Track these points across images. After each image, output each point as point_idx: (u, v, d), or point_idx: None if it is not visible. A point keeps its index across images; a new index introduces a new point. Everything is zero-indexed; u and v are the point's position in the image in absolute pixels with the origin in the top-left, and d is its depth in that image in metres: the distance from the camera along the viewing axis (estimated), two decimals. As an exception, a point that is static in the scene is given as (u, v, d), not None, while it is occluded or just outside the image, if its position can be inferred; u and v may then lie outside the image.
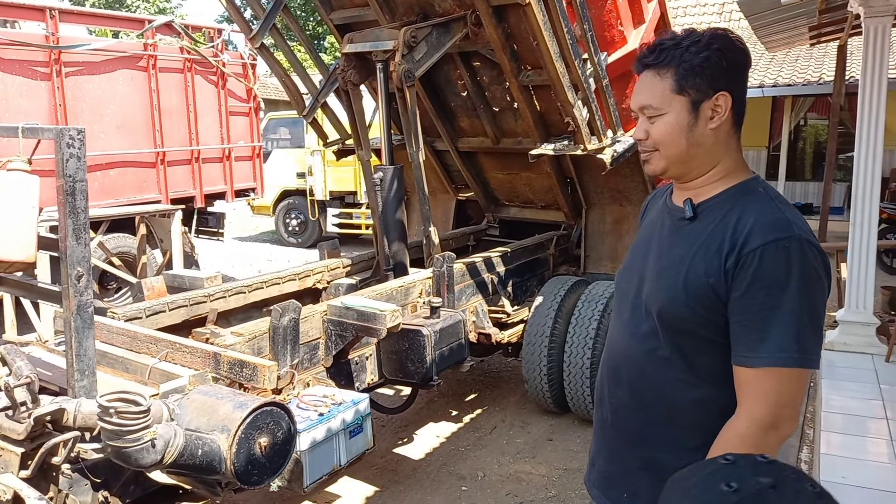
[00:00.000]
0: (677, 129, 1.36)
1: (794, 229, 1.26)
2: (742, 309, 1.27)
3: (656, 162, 1.41)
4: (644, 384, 1.43)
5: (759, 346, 1.25)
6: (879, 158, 5.23)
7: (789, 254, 1.25)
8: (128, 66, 6.52)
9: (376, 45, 3.76)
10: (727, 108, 1.35)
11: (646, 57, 1.39)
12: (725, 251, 1.29)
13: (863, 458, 3.62)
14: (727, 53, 1.34)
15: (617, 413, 1.50)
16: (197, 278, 3.60)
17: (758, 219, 1.29)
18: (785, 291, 1.24)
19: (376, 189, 3.97)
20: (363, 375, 3.37)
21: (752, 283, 1.26)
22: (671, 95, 1.35)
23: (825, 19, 8.02)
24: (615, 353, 1.52)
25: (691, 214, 1.39)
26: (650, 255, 1.47)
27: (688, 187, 1.43)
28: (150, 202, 6.73)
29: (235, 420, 2.17)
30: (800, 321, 1.24)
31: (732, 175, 1.40)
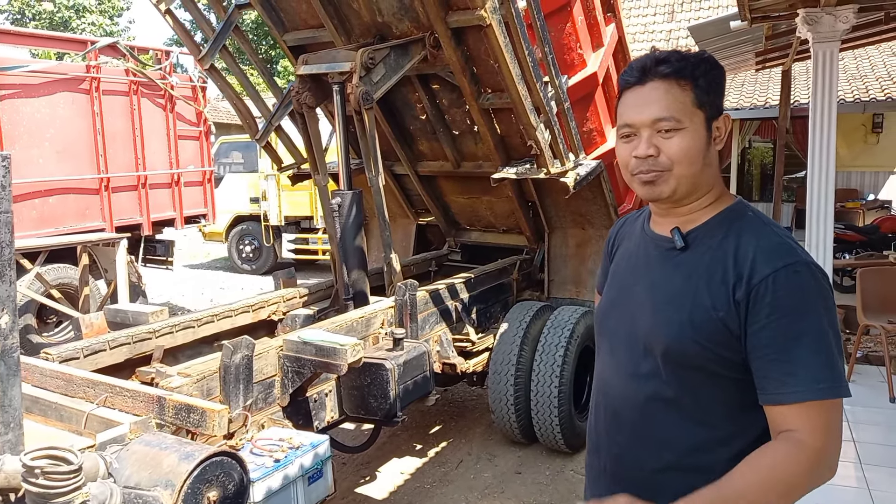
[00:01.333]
0: (696, 146, 1.27)
1: (799, 253, 1.20)
2: (765, 342, 1.18)
3: (665, 183, 1.28)
4: (648, 429, 1.33)
5: (791, 379, 1.16)
6: (832, 179, 5.32)
7: (802, 279, 1.18)
8: (69, 89, 6.22)
9: (332, 67, 3.63)
10: (726, 130, 1.30)
11: (659, 65, 1.27)
12: (732, 282, 1.21)
13: (834, 483, 3.56)
14: (724, 77, 1.31)
15: (619, 462, 1.39)
16: (141, 313, 3.36)
17: (759, 245, 1.22)
18: (807, 318, 1.16)
19: (334, 215, 3.81)
20: (322, 413, 3.17)
21: (771, 314, 1.17)
22: (692, 109, 1.26)
23: (770, 45, 8.26)
24: (612, 396, 1.40)
25: (682, 244, 1.30)
26: (638, 288, 1.37)
27: (674, 214, 1.33)
28: (93, 230, 6.39)
29: (181, 474, 1.96)
30: (827, 348, 1.16)
31: (720, 200, 1.32)
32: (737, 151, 12.45)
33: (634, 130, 1.29)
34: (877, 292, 5.22)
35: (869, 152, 12.40)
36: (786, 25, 6.84)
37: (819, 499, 3.37)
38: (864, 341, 5.64)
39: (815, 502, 3.33)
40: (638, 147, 1.28)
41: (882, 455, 3.84)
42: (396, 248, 5.65)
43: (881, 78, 11.32)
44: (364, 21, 4.04)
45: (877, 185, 12.42)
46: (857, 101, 10.41)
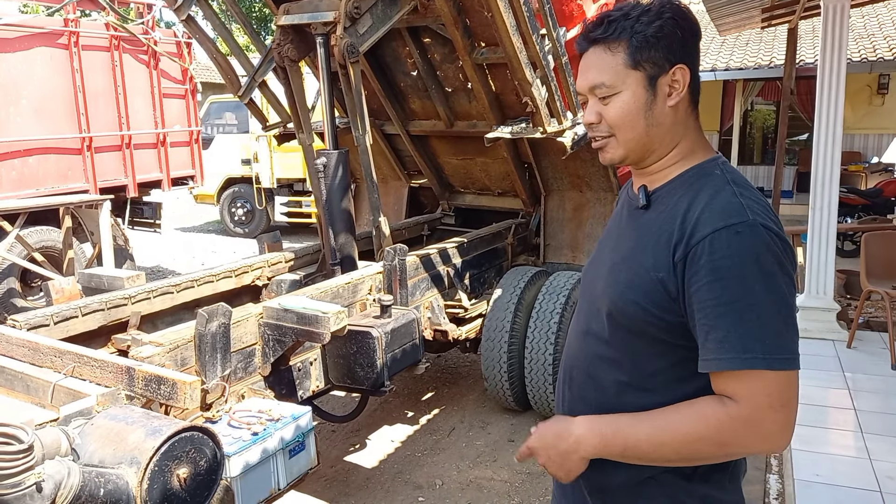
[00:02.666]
0: (635, 108, 1.21)
1: (747, 213, 1.11)
2: (698, 307, 1.11)
3: (613, 149, 1.26)
4: (590, 388, 1.32)
5: (719, 347, 1.09)
6: (839, 142, 5.15)
7: (742, 240, 1.09)
8: (47, 44, 5.96)
9: (315, 17, 3.41)
10: (685, 83, 1.21)
11: (592, 31, 1.23)
12: (674, 241, 1.15)
13: (834, 453, 3.49)
14: (681, 22, 1.21)
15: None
16: (116, 278, 3.20)
17: (709, 204, 1.15)
18: (742, 282, 1.08)
19: (319, 176, 3.63)
20: (307, 383, 3.05)
21: (705, 276, 1.10)
22: (625, 71, 1.20)
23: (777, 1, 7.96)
24: (568, 354, 1.42)
25: (644, 203, 1.27)
26: (607, 248, 1.37)
27: (645, 173, 1.30)
28: (77, 192, 6.20)
29: (147, 450, 1.84)
30: (761, 315, 1.07)
31: (690, 157, 1.26)
32: (739, 114, 12.19)
33: (584, 98, 1.28)
34: (881, 257, 5.09)
35: (874, 114, 12.15)
36: (795, -21, 6.55)
37: (819, 469, 3.30)
38: (865, 307, 5.53)
39: (815, 473, 3.26)
40: (586, 114, 1.28)
41: (883, 424, 3.75)
42: (387, 211, 5.49)
43: (889, 37, 11.02)
44: (350, -31, 3.79)
45: (880, 148, 12.20)
46: (864, 61, 10.14)
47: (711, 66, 11.31)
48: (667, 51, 1.19)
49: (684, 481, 1.22)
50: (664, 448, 1.15)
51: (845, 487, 3.17)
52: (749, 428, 1.09)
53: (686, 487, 1.22)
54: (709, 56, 11.99)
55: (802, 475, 3.26)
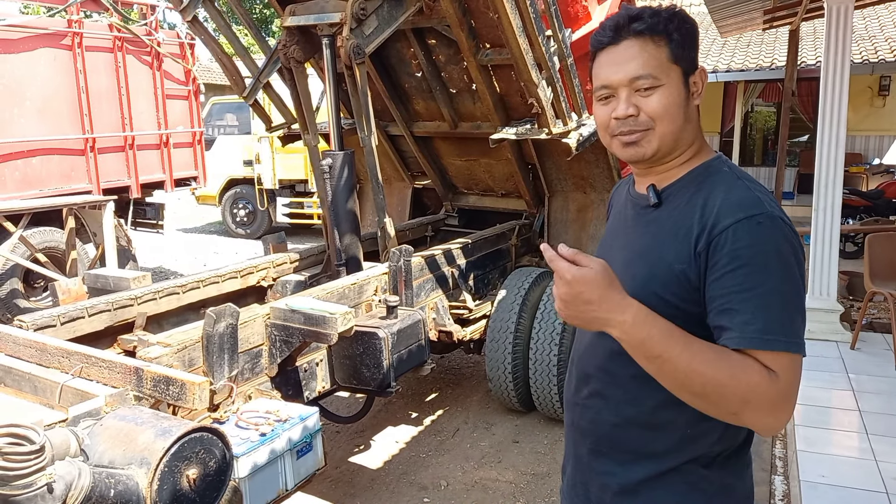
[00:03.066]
0: (677, 102, 1.24)
1: (765, 206, 1.16)
2: (720, 292, 1.14)
3: (649, 142, 1.25)
4: (608, 384, 1.32)
5: (743, 327, 1.11)
6: (843, 144, 5.15)
7: (763, 230, 1.14)
8: (50, 45, 5.96)
9: (321, 18, 3.41)
10: (703, 85, 1.28)
11: (632, 22, 1.24)
12: (695, 234, 1.18)
13: (839, 454, 3.49)
14: (697, 30, 1.29)
15: (584, 415, 1.39)
16: (122, 278, 3.20)
17: (727, 198, 1.19)
18: (765, 270, 1.12)
19: (325, 177, 3.63)
20: (313, 384, 3.05)
21: (728, 264, 1.13)
22: (668, 65, 1.23)
23: (780, 2, 7.97)
24: (581, 352, 1.41)
25: (656, 200, 1.29)
26: (615, 248, 1.38)
27: (655, 171, 1.32)
28: (80, 192, 6.20)
29: (157, 451, 1.84)
30: (783, 301, 1.12)
31: (697, 156, 1.30)
32: (740, 115, 12.20)
33: (612, 91, 1.26)
34: (885, 259, 5.09)
35: (875, 116, 12.16)
36: (798, -19, 6.56)
37: (824, 471, 3.30)
38: (868, 308, 5.53)
39: (821, 474, 3.26)
40: (617, 108, 1.25)
41: (888, 425, 3.75)
42: (392, 212, 5.49)
43: (890, 38, 11.03)
44: (356, -30, 3.79)
45: (882, 150, 12.19)
46: (866, 62, 10.14)
47: (713, 68, 11.31)
48: (696, 52, 1.27)
49: (704, 469, 1.25)
50: (694, 376, 1.09)
51: (851, 489, 3.17)
52: (772, 403, 1.09)
53: (706, 476, 1.25)
54: (710, 57, 12.00)
55: (808, 476, 3.26)
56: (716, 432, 1.24)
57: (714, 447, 1.25)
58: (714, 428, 1.23)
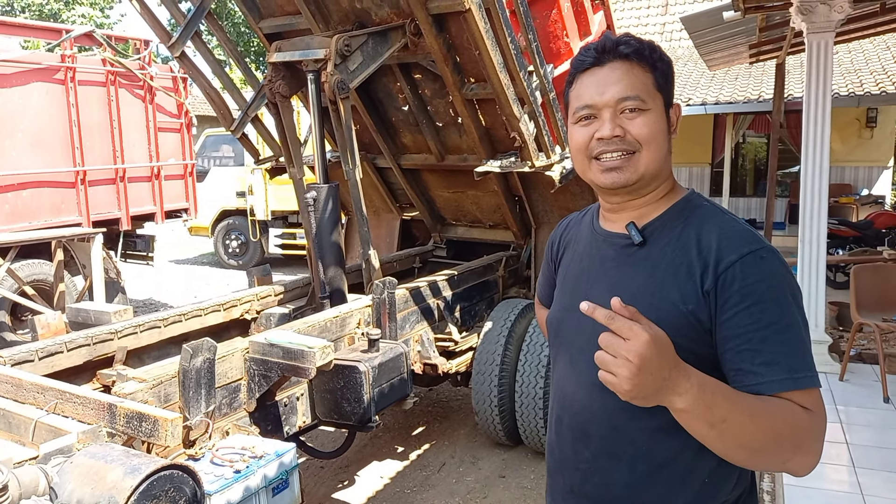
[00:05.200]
0: (662, 128, 1.22)
1: (762, 240, 1.15)
2: (736, 332, 1.10)
3: (634, 168, 1.20)
4: (618, 442, 1.23)
5: (766, 370, 1.07)
6: (826, 175, 5.20)
7: (767, 264, 1.12)
8: (43, 79, 6.03)
9: (306, 54, 3.46)
10: (678, 120, 1.27)
11: (619, 45, 1.21)
12: (699, 272, 1.14)
13: (827, 488, 3.45)
14: (673, 66, 1.27)
15: (587, 479, 1.27)
16: (103, 312, 3.19)
17: (722, 233, 1.17)
18: (779, 306, 1.10)
19: (309, 210, 3.65)
20: (293, 419, 3.02)
21: (741, 302, 1.10)
22: (654, 91, 1.21)
23: (764, 37, 8.13)
24: (576, 410, 1.28)
25: (640, 239, 1.23)
26: (595, 292, 1.26)
27: (629, 207, 1.26)
28: (69, 225, 6.21)
29: (125, 489, 1.81)
30: (799, 336, 1.10)
31: (673, 192, 1.27)
32: (730, 146, 12.33)
33: (595, 112, 1.21)
34: (871, 289, 5.10)
35: (863, 147, 12.30)
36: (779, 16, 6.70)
37: (812, 505, 3.26)
38: (857, 339, 5.53)
39: (808, 509, 3.22)
40: (601, 128, 1.20)
41: (877, 458, 3.72)
42: (380, 243, 5.51)
43: (875, 72, 11.21)
44: (342, 7, 3.87)
45: (870, 181, 12.32)
46: (852, 95, 10.29)
47: (702, 101, 11.47)
48: (672, 86, 1.25)
49: None
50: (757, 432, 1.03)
51: (839, 524, 3.13)
52: (819, 436, 1.08)
53: None
54: (699, 90, 12.17)
55: (795, 511, 3.22)
56: (733, 477, 1.20)
57: (733, 492, 1.21)
58: (731, 473, 1.19)
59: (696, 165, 13.45)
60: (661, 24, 16.04)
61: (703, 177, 13.54)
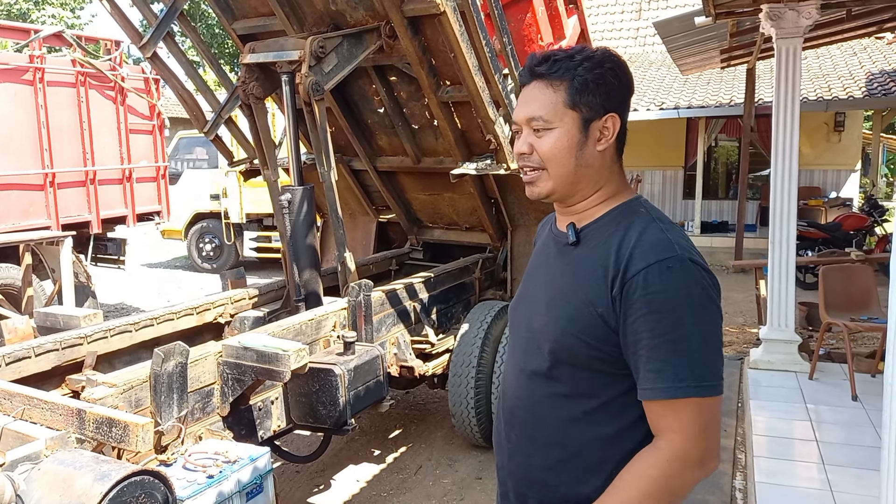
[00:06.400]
0: (567, 146, 1.27)
1: (676, 249, 1.19)
2: (634, 339, 1.18)
3: (543, 183, 1.30)
4: (539, 426, 1.32)
5: (655, 377, 1.15)
6: (795, 177, 5.30)
7: (674, 274, 1.16)
8: (11, 80, 5.90)
9: (280, 56, 3.44)
10: (615, 131, 1.29)
11: (538, 66, 1.28)
12: (610, 277, 1.21)
13: (798, 486, 3.52)
14: (619, 75, 1.28)
15: (513, 459, 1.38)
16: (72, 317, 3.13)
17: (639, 240, 1.22)
18: (675, 315, 1.15)
19: (284, 212, 3.63)
20: (268, 423, 2.99)
21: (640, 310, 1.16)
22: (563, 109, 1.26)
23: (735, 42, 8.27)
24: (508, 395, 1.40)
25: (574, 239, 1.31)
26: (538, 285, 1.39)
27: (571, 211, 1.35)
28: (38, 228, 6.08)
29: (94, 496, 1.78)
30: (692, 346, 1.15)
31: (615, 197, 1.33)
32: (703, 150, 12.51)
33: (519, 128, 1.31)
34: (839, 290, 5.21)
35: (831, 151, 12.56)
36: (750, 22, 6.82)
37: (783, 502, 3.31)
38: (826, 339, 5.64)
39: (779, 506, 3.27)
40: (517, 144, 1.31)
41: (845, 455, 3.80)
42: (356, 246, 5.49)
43: (843, 77, 11.47)
44: (317, 9, 3.85)
45: (839, 184, 12.58)
46: (820, 100, 10.52)
47: (675, 105, 11.62)
48: (603, 98, 1.25)
49: None
50: None
51: (808, 520, 3.18)
52: (685, 462, 1.16)
53: None
54: (672, 94, 12.33)
55: (766, 508, 3.27)
56: None
57: None
58: None
59: (670, 168, 13.62)
60: (634, 29, 16.23)
61: (676, 179, 13.71)
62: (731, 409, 4.90)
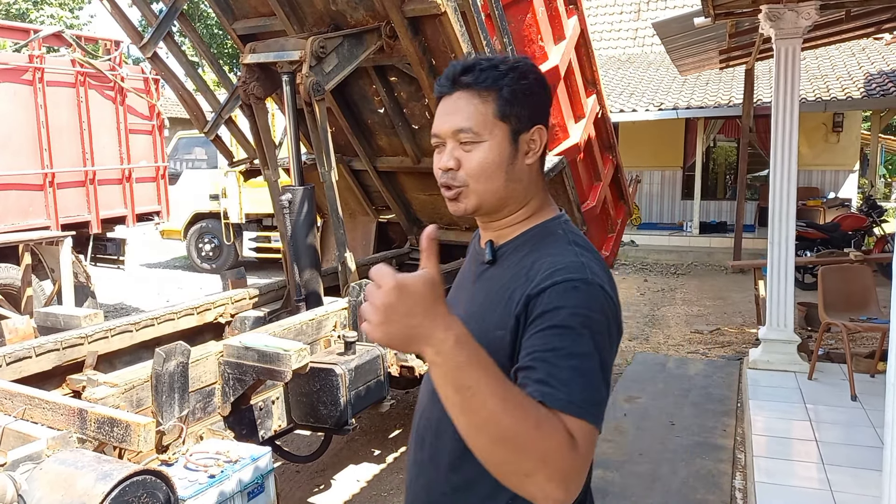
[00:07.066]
0: (498, 160, 1.19)
1: (586, 272, 1.12)
2: (526, 351, 1.08)
3: (467, 198, 1.21)
4: (441, 449, 1.24)
5: (540, 386, 1.02)
6: (794, 178, 5.31)
7: (578, 294, 1.09)
8: (10, 80, 5.90)
9: (281, 56, 3.44)
10: (542, 143, 1.23)
11: (462, 75, 1.20)
12: (518, 298, 1.13)
13: (797, 486, 3.52)
14: (544, 87, 1.24)
15: (419, 479, 1.31)
16: (73, 316, 3.13)
17: (552, 262, 1.15)
18: (572, 334, 1.06)
19: (284, 212, 3.63)
20: (269, 422, 2.99)
21: (540, 323, 1.08)
22: (493, 121, 1.19)
23: (734, 43, 8.29)
24: (419, 414, 1.34)
25: (490, 258, 1.25)
26: (459, 303, 1.30)
27: (493, 227, 1.28)
28: (37, 228, 6.08)
29: (96, 496, 1.78)
30: (582, 368, 1.04)
31: (537, 215, 1.27)
32: (701, 150, 12.53)
33: (441, 141, 1.23)
34: (838, 290, 5.22)
35: (829, 151, 12.59)
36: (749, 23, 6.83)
37: (783, 502, 3.32)
38: (825, 339, 5.65)
39: (778, 506, 3.28)
40: (441, 158, 1.22)
41: (845, 455, 3.81)
42: (356, 246, 5.48)
43: (841, 77, 11.49)
44: (317, 9, 3.85)
45: (837, 184, 12.61)
46: (819, 101, 10.54)
47: (674, 105, 11.64)
48: (531, 110, 1.21)
49: None
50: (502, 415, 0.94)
51: (808, 519, 3.19)
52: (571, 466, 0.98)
53: None
54: (671, 95, 12.35)
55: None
56: None
57: None
58: None
59: (669, 169, 13.65)
60: (633, 30, 16.26)
61: (675, 180, 13.74)
62: (731, 409, 4.92)
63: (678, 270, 10.86)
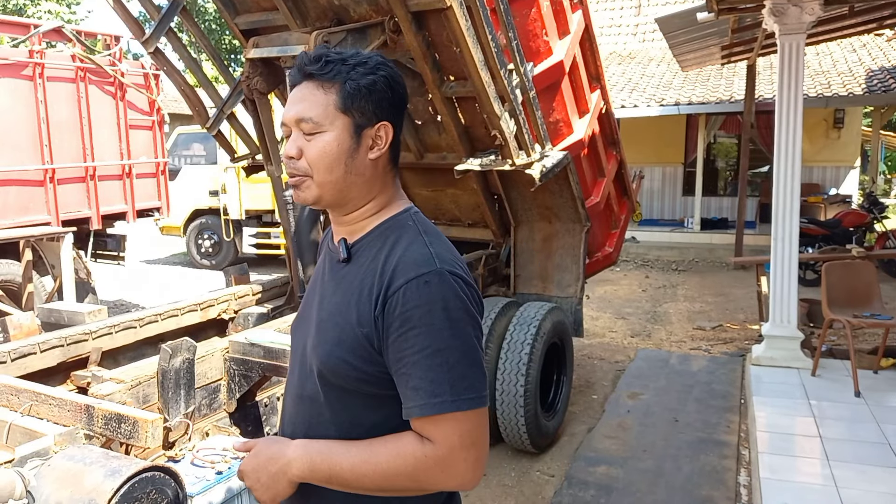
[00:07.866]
0: (337, 151, 1.21)
1: (435, 262, 1.15)
2: (395, 358, 1.15)
3: (309, 189, 1.23)
4: None
5: (414, 394, 1.13)
6: (798, 174, 5.30)
7: (431, 289, 1.13)
8: (10, 75, 5.86)
9: (284, 51, 3.42)
10: (387, 140, 1.25)
11: (308, 65, 1.22)
12: (374, 296, 1.17)
13: (802, 481, 3.52)
14: (393, 84, 1.26)
15: None
16: (77, 312, 3.12)
17: (402, 256, 1.18)
18: (431, 330, 1.12)
19: (288, 208, 3.61)
20: (274, 419, 2.98)
21: (400, 327, 1.13)
22: (335, 112, 1.21)
23: (736, 39, 8.27)
24: (285, 420, 1.35)
25: (345, 256, 1.26)
26: (313, 305, 1.32)
27: (344, 222, 1.29)
28: (38, 224, 6.05)
29: (105, 492, 1.77)
30: (450, 360, 1.12)
31: (386, 209, 1.27)
32: (702, 146, 12.52)
33: (288, 130, 1.25)
34: (841, 286, 5.21)
35: (830, 147, 12.58)
36: (751, 18, 6.82)
37: (787, 498, 3.32)
38: (828, 335, 5.65)
39: (784, 502, 3.28)
40: (286, 146, 1.24)
41: (849, 451, 3.80)
42: (358, 242, 5.47)
43: (843, 74, 11.48)
44: (320, 4, 3.83)
45: (838, 180, 12.61)
46: (820, 97, 10.52)
47: (675, 101, 11.62)
48: (375, 105, 1.21)
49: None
50: (365, 479, 1.16)
51: (814, 515, 3.19)
52: (442, 468, 1.13)
53: None
54: (672, 91, 12.33)
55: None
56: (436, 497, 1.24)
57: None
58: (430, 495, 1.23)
59: (669, 165, 13.64)
60: (634, 25, 16.23)
61: (675, 176, 13.73)
62: (734, 406, 4.91)
63: (679, 267, 10.86)
